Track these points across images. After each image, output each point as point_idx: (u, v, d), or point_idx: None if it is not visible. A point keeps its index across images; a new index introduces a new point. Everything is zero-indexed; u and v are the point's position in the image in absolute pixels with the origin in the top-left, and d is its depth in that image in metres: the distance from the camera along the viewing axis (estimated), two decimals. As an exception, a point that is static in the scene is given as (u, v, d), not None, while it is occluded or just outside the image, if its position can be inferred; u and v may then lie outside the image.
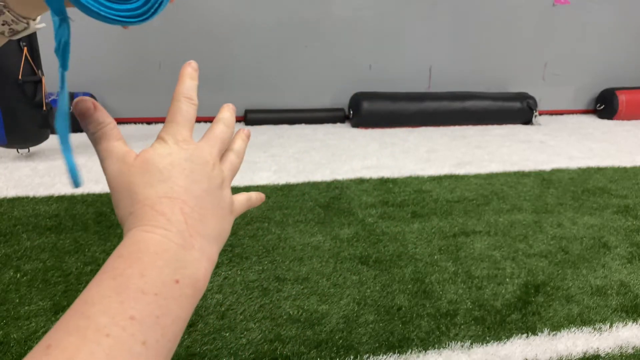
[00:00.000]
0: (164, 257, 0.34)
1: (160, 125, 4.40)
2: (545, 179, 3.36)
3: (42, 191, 2.84)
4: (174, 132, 0.43)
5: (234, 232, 2.45)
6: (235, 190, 2.98)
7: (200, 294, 0.37)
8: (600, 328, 1.89)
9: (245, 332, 1.77)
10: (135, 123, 4.42)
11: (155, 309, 0.32)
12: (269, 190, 2.99)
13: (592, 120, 5.22)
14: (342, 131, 4.45)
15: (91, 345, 0.29)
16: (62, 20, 0.37)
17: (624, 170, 3.60)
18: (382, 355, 1.70)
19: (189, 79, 0.47)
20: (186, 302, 0.34)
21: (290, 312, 1.88)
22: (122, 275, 0.32)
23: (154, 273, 0.33)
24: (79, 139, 4.14)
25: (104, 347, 0.29)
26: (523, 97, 4.92)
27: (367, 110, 4.49)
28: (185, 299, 0.34)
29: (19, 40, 2.91)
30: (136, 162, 0.40)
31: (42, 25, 0.44)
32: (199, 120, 4.84)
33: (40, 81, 3.07)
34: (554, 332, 1.85)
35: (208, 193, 0.40)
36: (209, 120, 4.58)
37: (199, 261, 0.37)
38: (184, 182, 0.39)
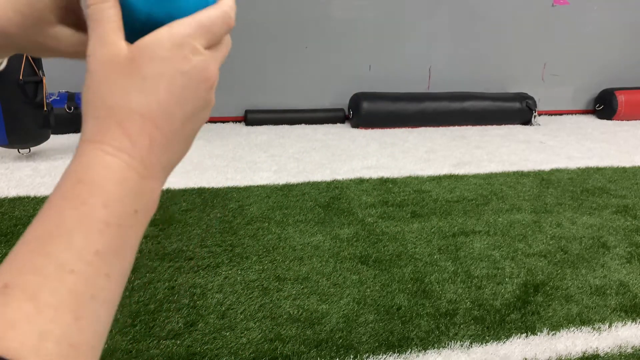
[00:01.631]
0: (125, 187, 0.32)
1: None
2: (545, 179, 3.37)
3: (43, 191, 2.84)
4: (189, 34, 0.33)
5: (234, 232, 2.46)
6: (235, 190, 2.98)
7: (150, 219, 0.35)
8: (599, 328, 1.89)
9: (245, 332, 1.77)
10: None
11: (118, 240, 0.31)
12: (269, 190, 2.99)
13: (591, 121, 5.23)
14: (342, 131, 4.46)
15: (54, 283, 0.28)
16: None
17: (623, 170, 3.61)
18: (382, 355, 1.70)
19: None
20: (141, 230, 0.33)
21: (291, 312, 1.89)
22: (85, 204, 0.30)
23: (117, 204, 0.31)
24: (78, 139, 4.13)
25: (68, 284, 0.28)
26: (522, 97, 4.93)
27: (367, 111, 4.50)
28: (141, 227, 0.33)
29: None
30: (123, 55, 0.33)
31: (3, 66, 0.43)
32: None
33: (41, 81, 3.08)
34: (553, 332, 1.85)
35: (187, 118, 0.36)
36: (210, 120, 4.58)
37: (155, 190, 0.35)
38: (166, 100, 0.33)
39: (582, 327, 1.89)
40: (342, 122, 4.75)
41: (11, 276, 0.28)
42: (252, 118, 4.53)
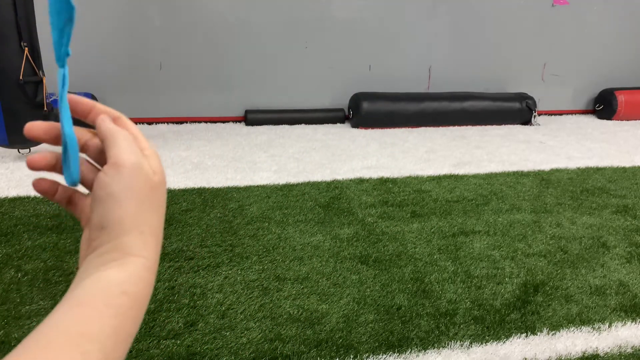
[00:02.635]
0: (148, 293, 0.39)
1: (160, 126, 4.40)
2: (544, 179, 3.37)
3: (42, 191, 2.84)
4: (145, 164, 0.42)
5: (234, 232, 2.46)
6: (235, 190, 2.98)
7: None
8: (599, 327, 1.89)
9: (245, 332, 1.77)
10: (136, 123, 4.42)
11: (127, 326, 0.36)
12: (269, 190, 3.00)
13: (591, 121, 5.24)
14: (342, 131, 4.46)
15: None
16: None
17: (623, 170, 3.61)
18: (382, 355, 1.70)
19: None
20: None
21: (291, 312, 1.89)
22: (124, 315, 0.35)
23: (142, 311, 0.37)
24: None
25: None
26: (522, 97, 4.93)
27: (366, 111, 4.50)
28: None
29: (20, 41, 2.92)
30: (157, 180, 0.42)
31: None
32: (199, 120, 4.85)
33: (41, 82, 3.08)
34: (553, 332, 1.85)
35: (161, 213, 0.43)
36: (210, 120, 4.59)
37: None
38: (162, 216, 0.42)
39: (582, 327, 1.89)
40: (342, 122, 4.76)
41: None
42: (252, 118, 4.53)
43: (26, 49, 2.93)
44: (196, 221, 2.56)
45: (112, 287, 0.35)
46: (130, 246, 0.38)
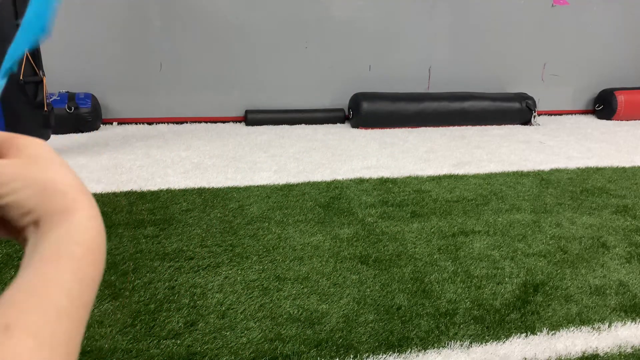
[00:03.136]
0: (97, 236, 0.37)
1: (160, 126, 4.40)
2: (544, 179, 3.37)
3: (43, 191, 2.84)
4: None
5: (234, 232, 2.46)
6: (236, 190, 2.98)
7: None
8: (599, 327, 1.90)
9: (245, 331, 1.78)
10: (136, 123, 4.43)
11: (94, 293, 0.35)
12: (269, 190, 3.00)
13: (590, 121, 5.24)
14: (342, 131, 4.46)
15: (54, 325, 0.31)
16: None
17: (623, 170, 3.61)
18: (382, 355, 1.71)
19: None
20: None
21: (291, 312, 1.89)
22: (81, 261, 0.35)
23: (100, 263, 0.36)
24: (79, 140, 4.13)
25: (64, 327, 0.32)
26: (522, 97, 4.93)
27: (366, 111, 4.50)
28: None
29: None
30: None
31: None
32: (200, 120, 4.85)
33: (41, 82, 3.08)
34: (553, 332, 1.86)
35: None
36: (210, 120, 4.59)
37: None
38: None
39: (582, 327, 1.89)
40: (342, 122, 4.76)
41: (14, 317, 0.30)
42: (252, 118, 4.53)
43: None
44: (196, 221, 2.56)
45: (62, 242, 0.35)
46: (65, 207, 0.36)
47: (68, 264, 0.34)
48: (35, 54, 3.03)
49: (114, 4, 4.13)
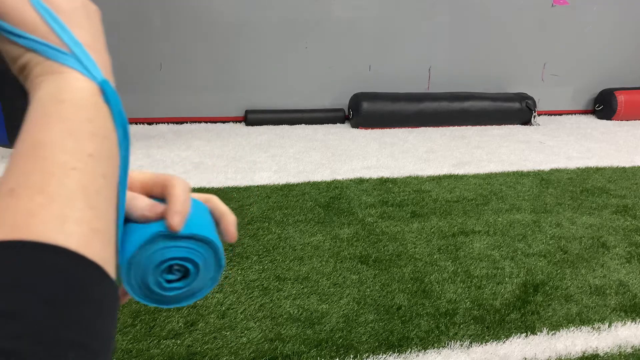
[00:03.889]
0: (103, 108, 0.34)
1: (161, 126, 4.40)
2: (544, 179, 3.37)
3: (42, 191, 2.84)
4: None
5: (234, 232, 2.46)
6: (236, 190, 2.98)
7: None
8: (599, 327, 1.90)
9: (245, 331, 1.78)
10: (136, 123, 4.43)
11: (106, 149, 0.33)
12: (269, 190, 3.00)
13: (590, 121, 5.24)
14: (342, 131, 4.46)
15: (60, 178, 0.30)
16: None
17: (623, 170, 3.61)
18: (382, 355, 1.71)
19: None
20: (118, 152, 0.36)
21: (291, 312, 1.89)
22: (70, 120, 0.32)
23: (100, 119, 0.34)
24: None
25: (73, 179, 0.30)
26: (522, 97, 4.93)
27: (366, 111, 4.50)
28: (117, 148, 0.36)
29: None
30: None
31: None
32: (199, 120, 4.84)
33: (41, 81, 3.08)
34: (553, 332, 1.86)
35: (105, 48, 0.40)
36: (210, 120, 4.59)
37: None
38: (90, 31, 0.38)
39: (582, 326, 1.89)
40: (342, 122, 4.76)
41: (15, 182, 0.29)
42: (252, 118, 4.53)
43: (26, 49, 2.93)
44: (196, 221, 2.56)
45: (46, 102, 0.33)
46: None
47: (58, 123, 0.32)
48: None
49: (114, 3, 4.13)
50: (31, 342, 0.23)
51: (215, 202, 0.46)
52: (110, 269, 0.30)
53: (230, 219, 0.46)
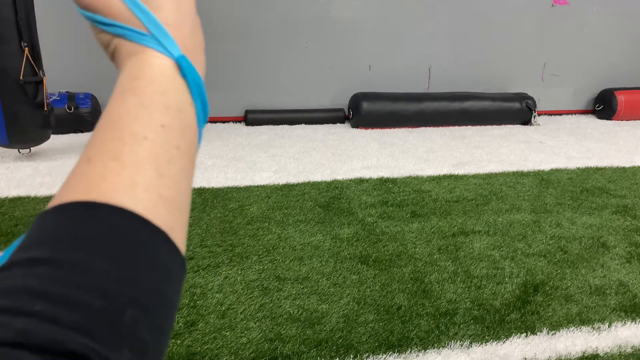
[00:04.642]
0: (179, 81, 0.36)
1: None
2: (544, 179, 3.37)
3: (43, 191, 2.85)
4: None
5: (234, 232, 2.46)
6: (236, 190, 2.98)
7: None
8: (599, 327, 1.90)
9: (245, 331, 1.78)
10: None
11: (179, 121, 0.34)
12: (269, 190, 3.00)
13: (590, 121, 5.24)
14: (342, 131, 4.46)
15: (132, 147, 0.31)
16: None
17: (623, 170, 3.61)
18: (382, 355, 1.71)
19: None
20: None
21: (291, 312, 1.89)
22: (145, 93, 0.34)
23: (172, 92, 0.35)
24: (79, 140, 4.13)
25: (145, 147, 0.32)
26: (522, 97, 4.93)
27: (366, 111, 4.50)
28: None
29: (20, 40, 2.92)
30: None
31: None
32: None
33: (41, 82, 3.08)
34: (553, 332, 1.86)
35: (194, 28, 0.42)
36: (210, 120, 4.59)
37: (202, 66, 0.40)
38: (175, 13, 0.39)
39: (582, 326, 1.89)
40: (342, 122, 4.76)
41: (93, 150, 0.32)
42: (252, 118, 4.53)
43: (26, 49, 2.93)
44: (196, 221, 2.56)
45: (126, 78, 0.35)
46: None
47: (132, 97, 0.34)
48: (35, 54, 3.03)
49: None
50: (91, 292, 0.25)
51: None
52: (176, 236, 0.31)
53: None
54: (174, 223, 0.31)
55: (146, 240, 0.29)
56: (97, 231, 0.27)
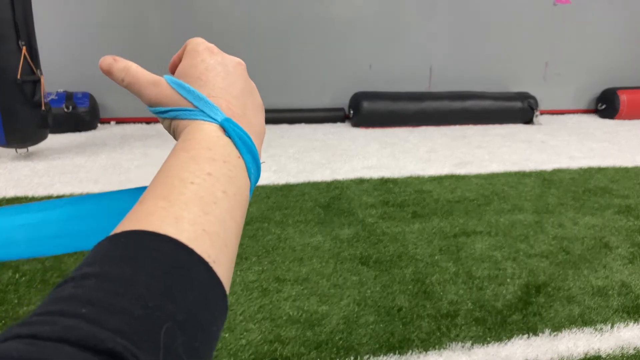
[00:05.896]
0: (224, 139, 0.40)
1: (159, 125, 4.39)
2: (546, 179, 3.35)
3: (41, 191, 2.83)
4: (201, 42, 0.47)
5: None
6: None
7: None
8: (601, 329, 1.88)
9: (244, 333, 1.76)
10: (134, 123, 4.41)
11: (225, 170, 0.38)
12: (268, 191, 2.98)
13: (593, 120, 5.21)
14: (342, 131, 4.44)
15: (180, 189, 0.35)
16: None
17: (625, 170, 3.59)
18: (383, 356, 1.69)
19: None
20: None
21: (290, 313, 1.87)
22: (194, 149, 0.38)
23: (219, 147, 0.39)
24: (77, 139, 4.12)
25: (191, 190, 0.35)
26: (524, 96, 4.91)
27: (367, 110, 4.48)
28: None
29: (17, 40, 2.90)
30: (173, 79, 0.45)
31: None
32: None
33: (39, 81, 3.06)
34: (555, 333, 1.84)
35: (245, 92, 0.45)
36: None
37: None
38: (222, 83, 0.44)
39: (584, 328, 1.87)
40: (343, 121, 4.74)
41: (145, 195, 0.35)
42: (252, 118, 4.51)
43: (24, 48, 2.92)
44: (195, 221, 2.54)
45: (178, 143, 0.40)
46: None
47: (183, 153, 0.39)
48: (32, 53, 3.01)
49: (114, 3, 4.11)
50: (132, 301, 0.27)
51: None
52: (219, 269, 0.33)
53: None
54: (217, 256, 0.33)
55: (188, 266, 0.31)
56: (143, 253, 0.30)
